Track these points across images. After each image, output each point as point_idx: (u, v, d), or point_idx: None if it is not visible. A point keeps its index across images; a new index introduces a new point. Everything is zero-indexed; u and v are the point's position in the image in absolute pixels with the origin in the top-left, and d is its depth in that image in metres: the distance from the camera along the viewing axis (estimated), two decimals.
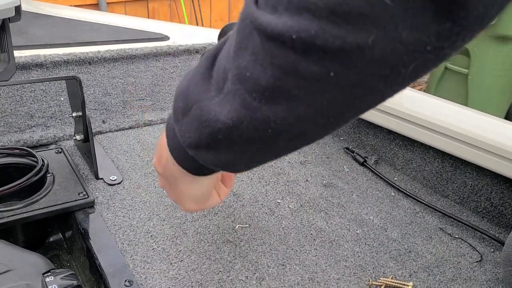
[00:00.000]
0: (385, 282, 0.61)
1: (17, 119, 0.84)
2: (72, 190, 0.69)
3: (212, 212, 0.70)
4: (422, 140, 0.85)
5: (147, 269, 0.58)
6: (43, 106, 0.88)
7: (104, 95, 0.96)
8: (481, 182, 0.80)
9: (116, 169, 0.78)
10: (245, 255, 0.63)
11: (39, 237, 0.72)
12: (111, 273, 0.57)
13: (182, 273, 0.58)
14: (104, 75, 0.99)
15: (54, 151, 0.78)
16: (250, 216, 0.71)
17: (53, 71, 0.94)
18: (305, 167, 0.87)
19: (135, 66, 1.05)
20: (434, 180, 0.86)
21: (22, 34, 1.12)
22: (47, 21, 1.28)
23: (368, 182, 0.86)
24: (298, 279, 0.60)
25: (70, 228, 0.70)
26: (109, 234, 0.63)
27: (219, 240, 0.64)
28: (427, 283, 0.62)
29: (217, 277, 0.59)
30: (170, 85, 1.06)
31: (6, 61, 0.64)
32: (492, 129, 0.78)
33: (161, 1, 3.05)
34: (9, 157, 0.71)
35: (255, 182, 0.80)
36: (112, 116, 0.93)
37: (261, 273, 0.60)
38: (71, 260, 0.71)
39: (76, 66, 0.97)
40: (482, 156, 0.76)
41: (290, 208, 0.74)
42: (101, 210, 0.68)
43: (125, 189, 0.73)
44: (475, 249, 0.71)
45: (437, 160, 0.86)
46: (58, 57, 0.95)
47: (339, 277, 0.61)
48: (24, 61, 0.91)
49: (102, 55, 1.01)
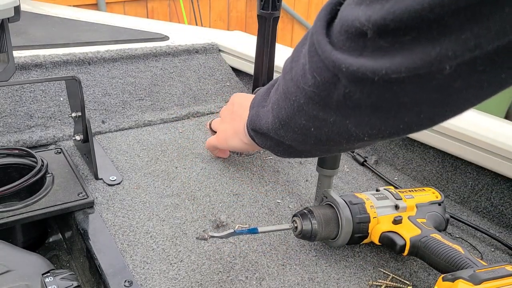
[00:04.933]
0: (385, 283, 0.61)
1: (17, 120, 0.84)
2: (71, 190, 0.69)
3: (212, 212, 0.70)
4: (422, 140, 0.85)
5: (146, 269, 0.58)
6: (42, 106, 0.87)
7: (104, 95, 0.96)
8: (481, 182, 0.80)
9: (116, 170, 0.78)
10: (245, 255, 0.63)
11: (38, 237, 0.72)
12: (110, 274, 0.57)
13: (182, 274, 0.58)
14: (104, 75, 0.99)
15: (53, 152, 0.78)
16: (250, 216, 0.71)
17: (52, 71, 0.94)
18: (305, 167, 0.87)
19: (134, 66, 1.05)
20: (434, 180, 0.86)
21: (21, 34, 1.11)
22: (47, 21, 1.28)
23: (368, 182, 0.86)
24: (298, 279, 0.60)
25: (69, 228, 0.70)
26: (109, 234, 0.63)
27: (219, 240, 0.64)
28: (427, 283, 0.62)
29: (217, 277, 0.58)
30: (170, 85, 1.06)
31: (6, 62, 0.64)
32: (492, 129, 0.78)
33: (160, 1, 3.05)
34: (9, 158, 0.71)
35: (255, 182, 0.80)
36: (112, 116, 0.93)
37: (261, 273, 0.60)
38: (70, 261, 0.70)
39: (75, 66, 0.97)
40: (482, 156, 0.76)
41: (290, 208, 0.74)
42: (101, 210, 0.68)
43: (124, 189, 0.73)
44: (475, 249, 0.71)
45: (437, 160, 0.86)
46: (58, 57, 0.95)
47: (339, 277, 0.61)
48: (23, 61, 0.91)
49: (102, 55, 1.01)
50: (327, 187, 0.68)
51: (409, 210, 0.64)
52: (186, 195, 0.74)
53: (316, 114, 0.44)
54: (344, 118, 0.42)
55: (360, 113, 0.40)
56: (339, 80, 0.38)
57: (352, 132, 0.43)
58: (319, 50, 0.39)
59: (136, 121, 0.94)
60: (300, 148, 0.54)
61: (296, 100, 0.46)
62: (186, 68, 1.12)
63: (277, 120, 0.53)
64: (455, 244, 0.57)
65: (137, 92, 1.00)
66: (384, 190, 0.66)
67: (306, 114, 0.46)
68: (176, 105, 1.03)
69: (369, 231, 0.62)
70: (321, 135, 0.47)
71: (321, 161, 0.68)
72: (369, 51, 0.35)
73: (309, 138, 0.49)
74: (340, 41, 0.37)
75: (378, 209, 0.63)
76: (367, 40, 0.35)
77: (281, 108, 0.51)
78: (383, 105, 0.38)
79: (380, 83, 0.35)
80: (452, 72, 0.32)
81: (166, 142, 0.89)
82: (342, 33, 0.37)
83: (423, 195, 0.67)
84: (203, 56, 1.17)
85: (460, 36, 0.31)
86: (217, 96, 1.10)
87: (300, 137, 0.51)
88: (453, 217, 0.76)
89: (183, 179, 0.78)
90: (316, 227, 0.60)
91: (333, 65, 0.38)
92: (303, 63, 0.44)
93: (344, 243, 0.62)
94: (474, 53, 0.31)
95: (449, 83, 0.34)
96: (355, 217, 0.61)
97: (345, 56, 0.37)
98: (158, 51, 1.10)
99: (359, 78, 0.36)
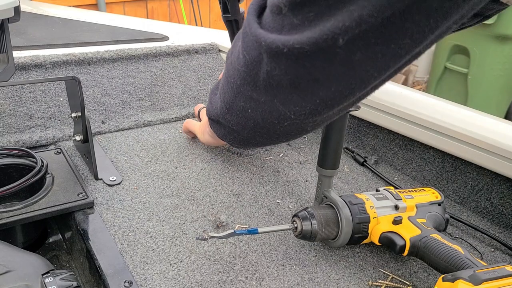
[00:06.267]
0: (385, 283, 0.60)
1: (16, 120, 0.84)
2: (71, 190, 0.69)
3: (212, 213, 0.70)
4: (422, 140, 0.85)
5: (146, 269, 0.58)
6: (42, 106, 0.87)
7: (104, 95, 0.96)
8: (481, 182, 0.80)
9: (116, 170, 0.78)
10: (245, 255, 0.63)
11: (38, 237, 0.72)
12: (110, 274, 0.57)
13: (182, 274, 0.58)
14: (104, 75, 0.99)
15: (53, 152, 0.78)
16: (250, 216, 0.71)
17: (52, 71, 0.94)
18: (305, 167, 0.87)
19: (134, 66, 1.05)
20: (434, 180, 0.86)
21: (21, 35, 1.11)
22: (46, 22, 1.28)
23: (368, 182, 0.86)
24: (298, 279, 0.60)
25: (69, 228, 0.70)
26: (109, 234, 0.63)
27: (219, 240, 0.64)
28: (427, 283, 0.62)
29: (217, 278, 0.58)
30: (170, 85, 1.06)
31: (5, 62, 0.64)
32: (492, 129, 0.78)
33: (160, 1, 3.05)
34: (8, 158, 0.71)
35: (255, 182, 0.80)
36: (112, 117, 0.93)
37: (261, 273, 0.60)
38: (70, 261, 0.70)
39: (75, 67, 0.97)
40: (482, 156, 0.76)
41: (290, 208, 0.74)
42: (101, 210, 0.68)
43: (124, 189, 0.73)
44: (475, 249, 0.71)
45: (437, 160, 0.86)
46: (57, 57, 0.95)
47: (339, 277, 0.61)
48: (23, 62, 0.91)
49: (101, 56, 1.01)
50: (327, 187, 0.68)
51: (409, 210, 0.64)
52: (186, 195, 0.74)
53: (250, 94, 0.49)
54: (272, 97, 0.46)
55: (283, 91, 0.44)
56: (262, 58, 0.43)
57: (281, 111, 0.47)
58: (248, 28, 0.44)
59: (136, 121, 0.94)
60: (245, 134, 0.57)
61: (235, 82, 0.51)
62: (186, 68, 1.12)
63: (224, 104, 0.57)
64: (455, 244, 0.57)
65: (137, 92, 1.00)
66: (384, 191, 0.66)
67: (243, 95, 0.50)
68: (176, 105, 1.02)
69: (369, 231, 0.62)
70: (257, 117, 0.51)
71: (321, 161, 0.68)
72: (286, 30, 0.40)
73: (249, 120, 0.53)
74: (267, 23, 0.43)
75: (378, 209, 0.63)
76: (284, 18, 0.40)
77: (225, 93, 0.55)
78: (300, 82, 0.42)
79: (292, 58, 0.40)
80: (349, 45, 0.37)
81: (166, 142, 0.89)
82: (268, 15, 0.43)
83: (423, 195, 0.67)
84: (203, 56, 1.17)
85: (349, 8, 0.36)
86: None
87: (242, 120, 0.54)
88: (453, 217, 0.76)
89: (183, 179, 0.78)
90: (316, 227, 0.60)
91: (256, 40, 0.43)
92: (239, 45, 0.48)
93: (344, 244, 0.62)
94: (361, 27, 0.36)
95: (350, 57, 0.38)
96: (355, 218, 0.61)
97: (268, 33, 0.42)
98: (158, 51, 1.10)
99: (274, 51, 0.41)
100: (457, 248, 0.56)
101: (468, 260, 0.54)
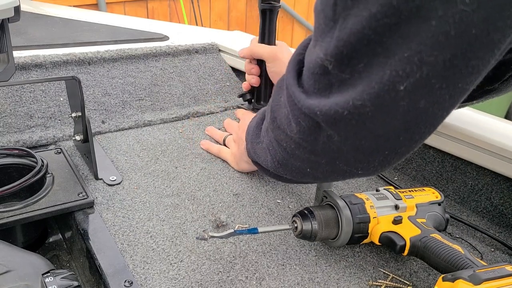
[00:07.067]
0: (385, 283, 0.61)
1: (17, 120, 0.84)
2: (71, 190, 0.69)
3: (212, 212, 0.70)
4: None
5: (147, 269, 0.58)
6: (42, 106, 0.87)
7: (104, 95, 0.96)
8: (481, 182, 0.80)
9: (116, 170, 0.78)
10: (245, 255, 0.63)
11: (38, 237, 0.72)
12: (111, 274, 0.57)
13: (182, 274, 0.58)
14: (104, 75, 0.99)
15: (53, 152, 0.78)
16: (250, 216, 0.71)
17: (52, 71, 0.94)
18: None
19: (134, 66, 1.05)
20: (434, 180, 0.86)
21: (21, 35, 1.12)
22: (47, 22, 1.28)
23: (368, 182, 0.86)
24: (298, 279, 0.60)
25: (69, 228, 0.70)
26: (109, 234, 0.63)
27: (219, 240, 0.64)
28: (427, 283, 0.62)
29: (217, 277, 0.58)
30: (170, 85, 1.06)
31: (6, 62, 0.64)
32: (492, 129, 0.78)
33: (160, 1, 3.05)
34: (9, 158, 0.71)
35: (255, 182, 0.80)
36: (112, 117, 0.93)
37: (261, 273, 0.60)
38: (70, 261, 0.70)
39: (75, 67, 0.97)
40: (482, 156, 0.76)
41: (290, 208, 0.74)
42: (101, 210, 0.68)
43: (124, 189, 0.73)
44: (475, 249, 0.71)
45: (437, 160, 0.86)
46: (58, 57, 0.95)
47: (339, 277, 0.61)
48: (23, 62, 0.91)
49: (102, 55, 1.01)
50: (327, 187, 0.68)
51: (409, 210, 0.64)
52: (186, 195, 0.74)
53: (308, 157, 0.47)
54: (333, 160, 0.44)
55: (345, 155, 0.42)
56: (320, 125, 0.41)
57: (346, 170, 0.45)
58: (295, 100, 0.43)
59: (136, 121, 0.94)
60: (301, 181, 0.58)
61: (288, 146, 0.50)
62: (186, 68, 1.12)
63: (275, 160, 0.56)
64: (455, 244, 0.57)
65: (137, 92, 1.00)
66: (384, 190, 0.66)
67: (300, 158, 0.49)
68: (176, 105, 1.03)
69: (369, 231, 0.62)
70: (317, 174, 0.50)
71: None
72: (336, 87, 0.38)
73: (307, 176, 0.52)
74: (310, 86, 0.41)
75: (378, 209, 0.63)
76: (331, 76, 0.38)
77: (276, 152, 0.55)
78: (363, 143, 0.40)
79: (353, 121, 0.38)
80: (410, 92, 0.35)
81: (166, 142, 0.89)
82: (310, 77, 0.40)
83: (423, 195, 0.68)
84: (203, 56, 1.17)
85: (404, 55, 0.33)
86: (217, 96, 1.10)
87: (299, 175, 0.54)
88: (453, 217, 0.76)
89: (183, 179, 0.78)
90: (316, 227, 0.60)
91: (310, 111, 0.41)
92: (286, 112, 0.47)
93: (344, 243, 0.62)
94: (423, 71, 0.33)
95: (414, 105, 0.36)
96: (355, 217, 0.61)
97: (318, 99, 0.40)
98: (158, 51, 1.10)
99: (333, 117, 0.38)
100: (457, 248, 0.56)
101: (468, 260, 0.54)
